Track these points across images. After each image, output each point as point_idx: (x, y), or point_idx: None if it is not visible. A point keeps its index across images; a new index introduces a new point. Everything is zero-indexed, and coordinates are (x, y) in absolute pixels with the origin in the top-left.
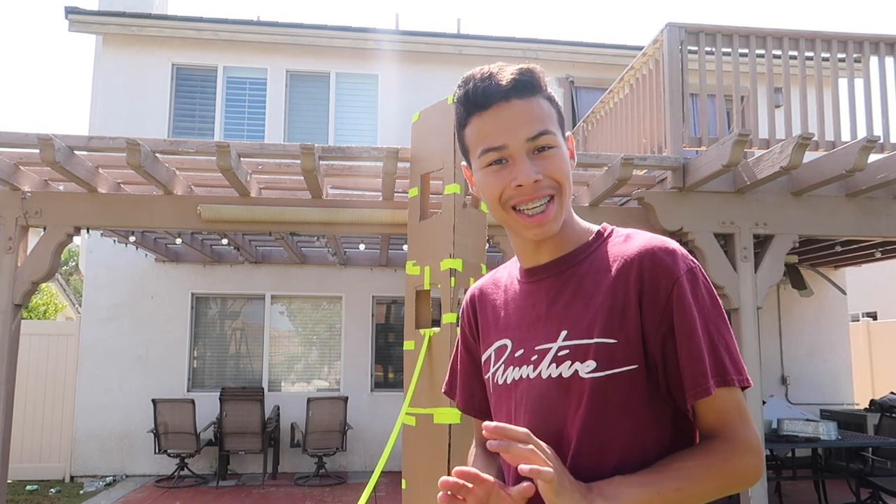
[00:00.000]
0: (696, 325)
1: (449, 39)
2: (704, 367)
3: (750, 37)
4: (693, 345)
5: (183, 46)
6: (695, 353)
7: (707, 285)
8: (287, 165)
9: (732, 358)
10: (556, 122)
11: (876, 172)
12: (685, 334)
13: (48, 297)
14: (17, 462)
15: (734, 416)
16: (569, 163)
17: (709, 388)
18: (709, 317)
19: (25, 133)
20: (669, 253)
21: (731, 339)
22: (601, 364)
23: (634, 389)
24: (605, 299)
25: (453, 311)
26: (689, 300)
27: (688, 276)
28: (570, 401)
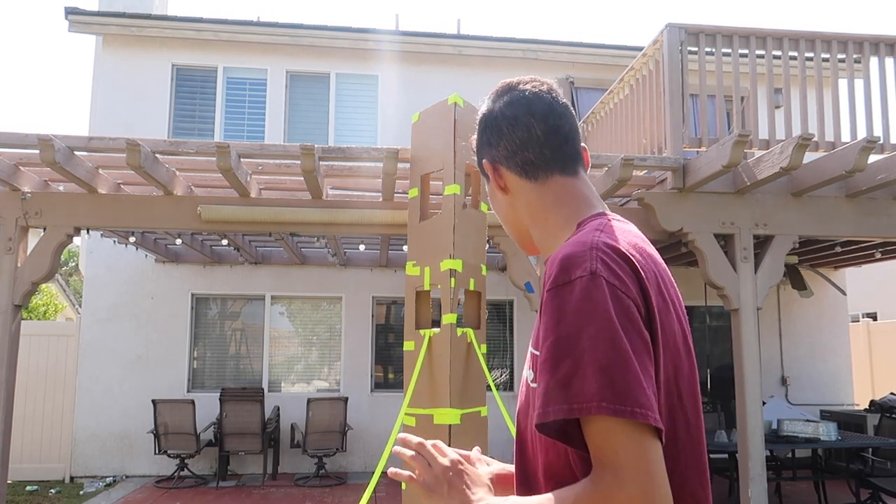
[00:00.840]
0: (550, 345)
1: (449, 40)
2: (544, 392)
3: (750, 37)
4: (541, 368)
5: (183, 47)
6: (541, 377)
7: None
8: (287, 166)
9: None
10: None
11: (876, 173)
12: (540, 352)
13: (48, 298)
14: (17, 462)
15: (603, 452)
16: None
17: (540, 414)
18: (572, 335)
19: (25, 133)
20: (554, 264)
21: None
22: (535, 374)
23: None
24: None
25: (453, 311)
26: (548, 317)
27: (555, 291)
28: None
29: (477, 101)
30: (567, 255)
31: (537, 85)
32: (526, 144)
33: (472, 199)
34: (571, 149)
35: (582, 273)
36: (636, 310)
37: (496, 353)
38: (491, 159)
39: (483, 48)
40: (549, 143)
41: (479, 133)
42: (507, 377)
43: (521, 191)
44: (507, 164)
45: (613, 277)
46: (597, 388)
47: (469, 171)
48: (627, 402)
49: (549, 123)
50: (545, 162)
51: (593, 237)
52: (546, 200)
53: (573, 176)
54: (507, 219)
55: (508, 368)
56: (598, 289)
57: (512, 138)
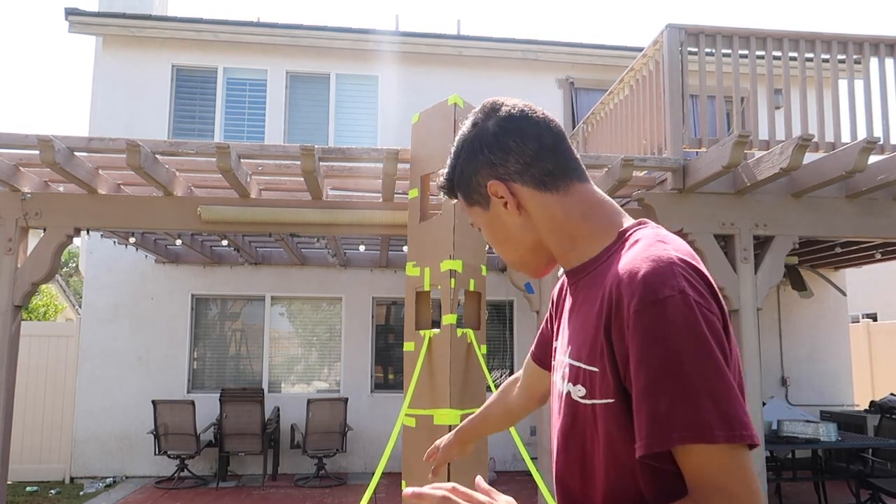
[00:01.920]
0: (650, 368)
1: (449, 41)
2: (651, 417)
3: (750, 38)
4: (642, 392)
5: (183, 48)
6: (643, 401)
7: (689, 318)
8: (287, 167)
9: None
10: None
11: (876, 173)
12: (637, 378)
13: (48, 299)
14: (17, 463)
15: (706, 484)
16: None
17: (647, 445)
18: (680, 357)
19: (25, 134)
20: (637, 278)
21: (720, 385)
22: (588, 391)
23: (616, 426)
24: (591, 321)
25: (453, 312)
26: (644, 338)
27: (651, 309)
28: (567, 419)
29: (477, 102)
30: (649, 272)
31: (519, 103)
32: (540, 155)
33: None
34: (577, 156)
35: (671, 292)
36: (718, 326)
37: (496, 353)
38: (499, 177)
39: (483, 49)
40: (561, 151)
41: (467, 157)
42: (507, 378)
43: (539, 206)
44: (522, 180)
45: (699, 296)
46: (714, 414)
47: None
48: (738, 427)
49: (554, 132)
50: (563, 170)
51: (666, 253)
52: (573, 210)
53: (588, 182)
54: (521, 243)
55: (508, 369)
56: (690, 308)
57: (523, 151)
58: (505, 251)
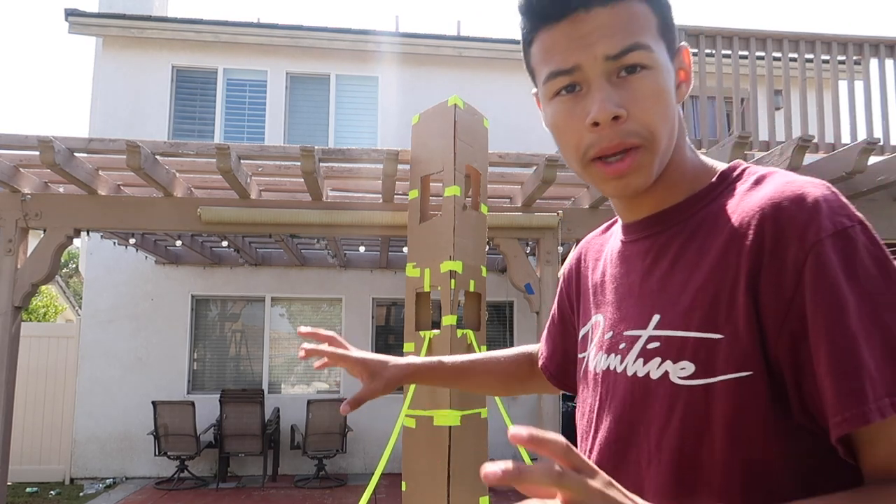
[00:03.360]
0: (850, 316)
1: (449, 41)
2: (861, 380)
3: (750, 39)
4: (842, 348)
5: (183, 48)
6: (845, 361)
7: (877, 254)
8: (287, 167)
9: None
10: (657, 31)
11: (876, 175)
12: (830, 332)
13: (48, 300)
14: (16, 464)
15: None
16: (667, 90)
17: (867, 413)
18: (879, 301)
19: (25, 135)
20: (806, 206)
21: None
22: (700, 368)
23: (749, 406)
24: (710, 276)
25: (453, 313)
26: (834, 278)
27: (834, 240)
28: (658, 411)
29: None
30: (820, 198)
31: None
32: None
33: (472, 201)
34: None
35: (853, 222)
36: None
37: None
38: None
39: (483, 50)
40: None
41: (659, 22)
42: None
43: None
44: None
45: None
46: None
47: (469, 173)
48: None
49: None
50: None
51: (819, 181)
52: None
53: None
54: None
55: None
56: (876, 242)
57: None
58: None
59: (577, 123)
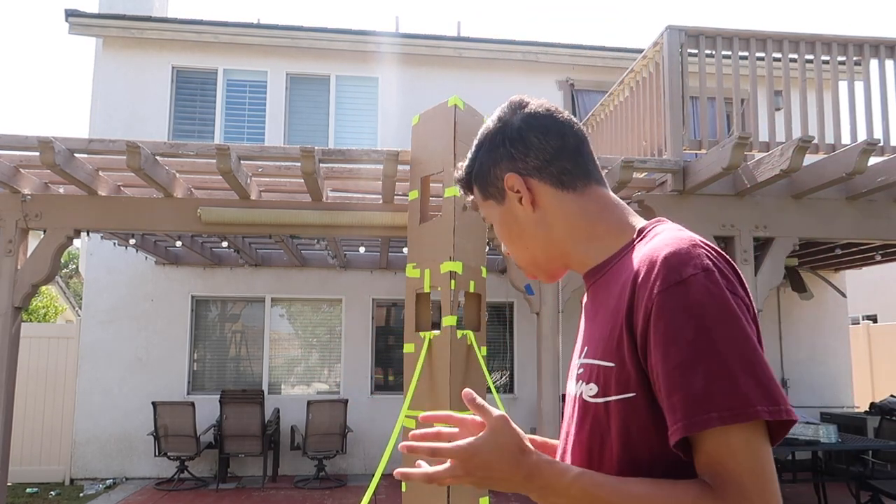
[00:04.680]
0: (677, 348)
1: (449, 42)
2: (686, 398)
3: (750, 39)
4: (672, 374)
5: (183, 49)
6: (674, 384)
7: (715, 294)
8: (287, 168)
9: (758, 383)
10: (482, 197)
11: (876, 175)
12: (663, 362)
13: (48, 300)
14: (17, 465)
15: (728, 466)
16: (507, 219)
17: (689, 426)
18: (710, 333)
19: (26, 136)
20: (658, 263)
21: (755, 360)
22: (601, 389)
23: (634, 421)
24: (609, 315)
25: (453, 313)
26: (669, 319)
27: (675, 289)
28: (577, 422)
29: (477, 103)
30: (671, 253)
31: (545, 103)
32: (561, 153)
33: (472, 202)
34: (596, 162)
35: (694, 271)
36: (747, 311)
37: (496, 355)
38: (518, 172)
39: (483, 50)
40: (582, 154)
41: (488, 150)
42: (507, 379)
43: (556, 204)
44: (540, 176)
45: (723, 276)
46: (754, 392)
47: None
48: (780, 402)
49: (579, 134)
50: (583, 171)
51: (687, 236)
52: (590, 209)
53: (606, 188)
54: (534, 241)
55: (508, 371)
56: (716, 284)
57: (544, 147)
58: (517, 249)
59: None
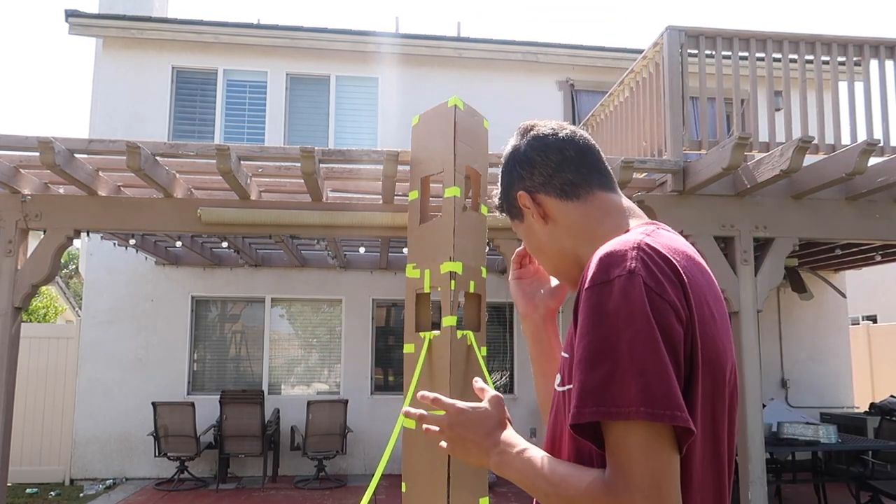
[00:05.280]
0: (583, 346)
1: (449, 43)
2: (579, 392)
3: (750, 40)
4: (576, 365)
5: (183, 49)
6: (574, 376)
7: (630, 296)
8: (287, 168)
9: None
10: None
11: (876, 176)
12: (576, 351)
13: (48, 300)
14: (16, 465)
15: (619, 456)
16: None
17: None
18: (590, 338)
19: (25, 136)
20: (596, 260)
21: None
22: (562, 378)
23: None
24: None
25: (453, 314)
26: (584, 317)
27: (593, 290)
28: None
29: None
30: (607, 253)
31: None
32: (562, 166)
33: (472, 202)
34: (606, 168)
35: (620, 272)
36: (673, 315)
37: (496, 355)
38: (526, 190)
39: (483, 51)
40: (584, 162)
41: (505, 174)
42: (507, 380)
43: (562, 214)
44: (545, 190)
45: (651, 279)
46: (635, 393)
47: (469, 174)
48: (662, 406)
49: (580, 144)
50: (584, 179)
51: (636, 237)
52: (591, 216)
53: (613, 192)
54: (551, 251)
55: (509, 371)
56: (636, 289)
57: (546, 163)
58: (542, 260)
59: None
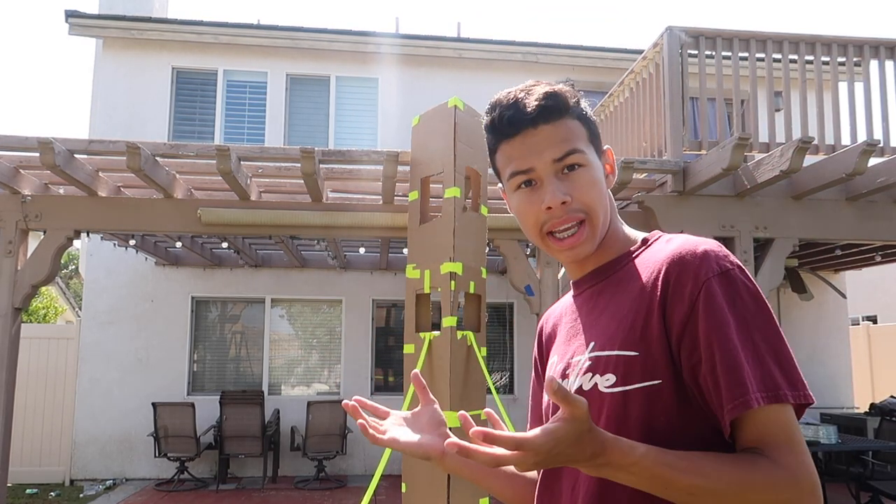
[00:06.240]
0: (731, 331)
1: (449, 43)
2: (743, 377)
3: (750, 40)
4: (728, 354)
5: (183, 50)
6: (731, 363)
7: (750, 288)
8: (287, 169)
9: (784, 369)
10: (587, 139)
11: (876, 176)
12: (718, 343)
13: (48, 301)
14: (16, 465)
15: (780, 437)
16: (600, 180)
17: (749, 402)
18: (750, 322)
19: (26, 136)
20: (699, 254)
21: (784, 349)
22: (620, 378)
23: (659, 407)
24: (630, 309)
25: (453, 314)
26: (720, 304)
27: (719, 279)
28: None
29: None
30: (709, 250)
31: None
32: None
33: (472, 202)
34: None
35: (731, 266)
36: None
37: (496, 356)
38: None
39: (483, 51)
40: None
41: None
42: (507, 380)
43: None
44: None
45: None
46: (782, 377)
47: (469, 174)
48: (801, 387)
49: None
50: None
51: (709, 239)
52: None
53: None
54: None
55: (508, 371)
56: (751, 280)
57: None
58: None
59: (535, 208)
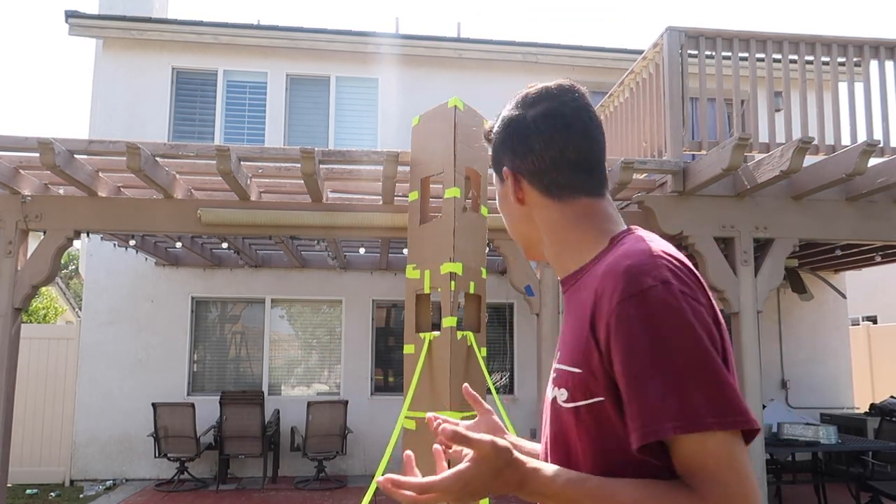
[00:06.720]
0: (643, 356)
1: (449, 43)
2: (651, 405)
3: (750, 41)
4: (635, 381)
5: (183, 50)
6: (639, 391)
7: (674, 307)
8: (287, 169)
9: (709, 395)
10: (492, 159)
11: (876, 176)
12: (628, 368)
13: (48, 301)
14: (16, 466)
15: (707, 468)
16: (505, 208)
17: (658, 431)
18: (669, 346)
19: (26, 137)
20: (619, 273)
21: (711, 373)
22: (570, 394)
23: (605, 425)
24: (577, 323)
25: (454, 314)
26: (630, 329)
27: (634, 301)
28: (552, 426)
29: (477, 104)
30: (631, 265)
31: (577, 98)
32: (556, 166)
33: (472, 203)
34: (600, 174)
35: (653, 282)
36: (710, 317)
37: (496, 356)
38: (513, 169)
39: (483, 51)
40: (580, 168)
41: (501, 134)
42: (507, 380)
43: (540, 207)
44: (531, 180)
45: (683, 286)
46: (703, 402)
47: (469, 174)
48: (730, 412)
49: (583, 148)
50: (572, 186)
51: (649, 247)
52: (568, 219)
53: (600, 197)
54: (517, 227)
55: (508, 372)
56: (674, 297)
57: (542, 156)
58: (509, 226)
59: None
